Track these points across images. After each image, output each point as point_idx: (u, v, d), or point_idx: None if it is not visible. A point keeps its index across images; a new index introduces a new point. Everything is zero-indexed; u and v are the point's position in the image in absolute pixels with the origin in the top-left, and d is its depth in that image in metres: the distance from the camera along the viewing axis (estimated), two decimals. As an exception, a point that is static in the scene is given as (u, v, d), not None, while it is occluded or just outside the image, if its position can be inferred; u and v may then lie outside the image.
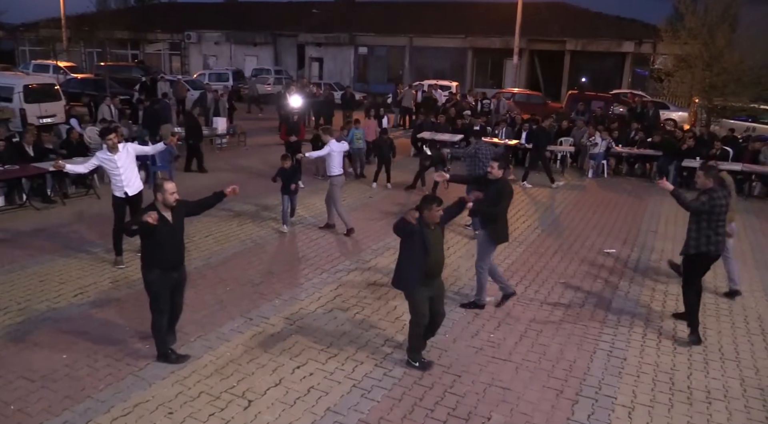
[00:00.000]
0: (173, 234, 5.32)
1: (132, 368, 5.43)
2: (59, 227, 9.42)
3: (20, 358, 5.55)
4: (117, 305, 6.73)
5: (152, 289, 5.36)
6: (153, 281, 5.33)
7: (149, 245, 5.27)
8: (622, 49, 31.25)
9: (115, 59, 38.35)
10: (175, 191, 5.26)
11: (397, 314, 6.74)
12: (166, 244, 5.26)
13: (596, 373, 5.71)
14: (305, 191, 12.18)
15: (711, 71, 17.72)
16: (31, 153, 11.43)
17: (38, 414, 4.73)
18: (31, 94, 17.09)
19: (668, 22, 20.29)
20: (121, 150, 7.52)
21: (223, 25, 39.85)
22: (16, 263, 7.83)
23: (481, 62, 35.35)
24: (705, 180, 6.34)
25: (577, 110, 19.98)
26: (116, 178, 7.58)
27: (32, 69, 30.49)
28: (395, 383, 5.39)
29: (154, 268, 5.29)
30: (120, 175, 7.54)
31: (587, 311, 7.11)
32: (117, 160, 7.48)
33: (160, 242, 5.22)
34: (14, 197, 10.59)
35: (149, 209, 5.16)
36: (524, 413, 5.04)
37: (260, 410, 4.89)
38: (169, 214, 5.28)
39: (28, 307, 6.59)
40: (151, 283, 5.35)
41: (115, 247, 7.86)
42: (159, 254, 5.25)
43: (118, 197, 7.67)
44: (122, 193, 7.62)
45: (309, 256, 8.57)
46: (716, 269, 7.35)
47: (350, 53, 37.05)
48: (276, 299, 7.05)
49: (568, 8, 35.15)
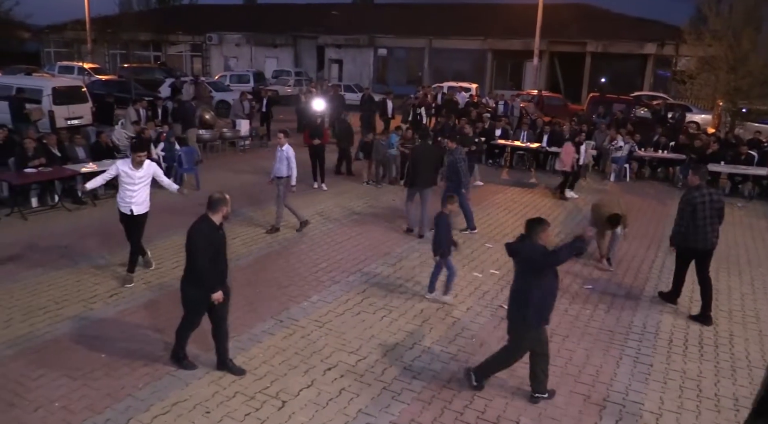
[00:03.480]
0: (225, 247, 5.29)
1: (168, 367, 5.58)
2: (90, 228, 9.65)
3: (61, 357, 5.74)
4: (151, 306, 6.91)
5: (193, 307, 5.23)
6: (196, 299, 5.21)
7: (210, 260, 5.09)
8: (644, 50, 31.06)
9: (138, 61, 38.89)
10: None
11: (424, 317, 6.85)
12: (222, 258, 5.20)
13: (623, 379, 5.76)
14: (329, 194, 12.33)
15: (736, 74, 17.57)
16: (58, 154, 11.70)
17: (81, 412, 4.91)
18: (60, 96, 17.46)
19: (691, 24, 20.16)
20: (145, 167, 7.23)
21: (244, 27, 40.30)
22: (52, 264, 8.05)
23: (501, 64, 35.35)
24: (693, 178, 7.09)
25: (599, 113, 19.90)
26: (127, 193, 7.21)
27: (57, 70, 31.11)
28: (424, 386, 5.49)
29: (201, 285, 5.12)
30: (134, 191, 7.20)
31: (612, 316, 7.14)
32: (136, 176, 7.16)
33: (218, 255, 5.14)
34: (47, 199, 10.88)
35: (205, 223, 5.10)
36: (552, 417, 5.11)
37: (294, 411, 5.02)
38: (221, 228, 5.25)
39: (66, 307, 6.79)
40: (193, 301, 5.23)
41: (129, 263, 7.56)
42: (217, 269, 5.13)
43: (123, 214, 7.34)
44: (128, 209, 7.26)
45: (335, 258, 8.70)
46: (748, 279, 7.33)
47: (370, 55, 37.25)
48: (304, 301, 7.19)
49: (589, 9, 34.99)
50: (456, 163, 9.60)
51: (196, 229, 5.10)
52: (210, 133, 16.55)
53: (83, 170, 11.00)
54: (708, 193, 6.92)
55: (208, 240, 5.08)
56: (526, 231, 5.12)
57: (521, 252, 5.10)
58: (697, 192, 6.92)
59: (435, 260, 7.33)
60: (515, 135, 16.70)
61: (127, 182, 7.17)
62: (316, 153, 12.82)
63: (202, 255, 5.04)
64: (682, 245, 7.15)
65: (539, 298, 4.96)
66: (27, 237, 9.10)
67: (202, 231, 5.09)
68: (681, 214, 7.03)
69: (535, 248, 5.00)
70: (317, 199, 11.92)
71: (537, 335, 5.11)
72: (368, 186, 13.20)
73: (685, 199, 6.95)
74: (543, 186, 13.89)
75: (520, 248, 5.13)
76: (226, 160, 15.53)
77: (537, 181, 14.39)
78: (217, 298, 5.15)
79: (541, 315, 5.03)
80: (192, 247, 5.08)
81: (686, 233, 6.99)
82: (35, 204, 10.67)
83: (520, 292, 5.05)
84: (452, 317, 6.94)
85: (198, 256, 5.05)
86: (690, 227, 6.94)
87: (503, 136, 16.46)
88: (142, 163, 7.19)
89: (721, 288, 8.10)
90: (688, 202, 6.91)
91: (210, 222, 5.15)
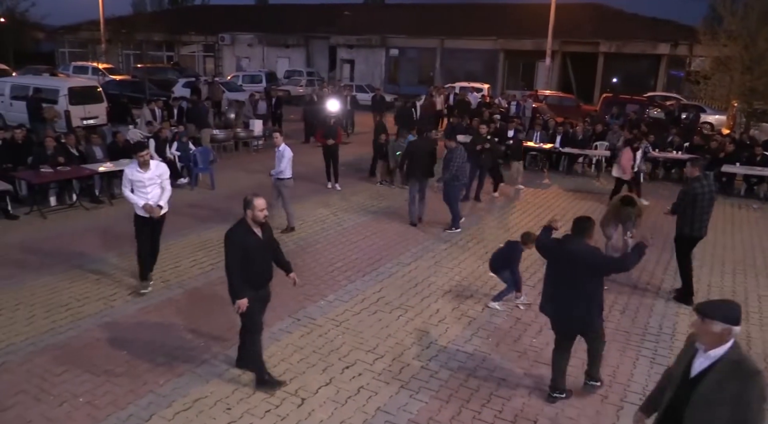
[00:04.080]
0: (264, 251, 5.14)
1: (189, 364, 5.67)
2: (108, 227, 9.76)
3: (83, 353, 5.84)
4: (170, 304, 7.00)
5: (247, 310, 5.09)
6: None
7: (241, 264, 4.99)
8: (657, 51, 30.86)
9: (151, 61, 39.22)
10: (264, 208, 5.02)
11: (440, 317, 6.89)
12: (258, 261, 5.08)
13: (640, 380, 5.77)
14: (342, 194, 12.40)
15: (752, 74, 17.44)
16: (76, 153, 11.84)
17: (105, 407, 5.00)
18: (76, 96, 17.72)
19: (705, 23, 20.02)
20: (152, 168, 7.08)
21: (256, 28, 40.51)
22: (72, 262, 8.18)
23: (513, 64, 35.26)
24: (692, 169, 7.52)
25: (612, 114, 19.83)
26: (142, 196, 7.03)
27: (72, 70, 31.44)
28: (441, 384, 5.53)
29: (246, 287, 5.05)
30: (147, 193, 7.04)
31: (627, 317, 7.15)
32: (145, 177, 7.00)
33: (253, 259, 5.03)
34: (65, 197, 11.03)
35: (239, 227, 5.01)
36: (570, 417, 5.13)
37: (314, 408, 5.08)
38: (259, 230, 5.09)
39: (87, 304, 6.90)
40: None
41: (141, 271, 7.38)
42: (250, 271, 5.03)
43: (141, 217, 7.15)
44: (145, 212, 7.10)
45: (350, 258, 8.75)
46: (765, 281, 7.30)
47: (381, 55, 37.31)
48: (321, 300, 7.25)
49: (602, 9, 34.83)
50: (451, 162, 9.82)
51: (228, 231, 5.03)
52: (224, 133, 16.69)
53: (101, 169, 11.15)
54: (708, 184, 7.37)
55: (238, 243, 4.96)
56: (577, 231, 5.05)
57: (576, 256, 4.92)
58: (697, 183, 7.31)
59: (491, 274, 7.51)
60: (528, 136, 16.67)
61: (139, 185, 7.03)
62: (329, 153, 12.88)
63: (229, 258, 4.95)
64: (681, 235, 7.54)
65: (601, 294, 5.12)
66: (46, 235, 9.24)
67: (231, 233, 5.00)
68: (680, 202, 7.42)
69: (595, 253, 5.04)
70: (331, 199, 11.99)
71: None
72: (381, 186, 13.25)
73: (686, 190, 7.35)
74: (556, 187, 13.88)
75: (574, 251, 4.96)
76: (239, 160, 15.65)
77: (550, 182, 14.38)
78: (240, 305, 5.01)
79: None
80: (225, 249, 5.00)
81: (685, 221, 7.41)
82: (54, 203, 10.82)
83: (585, 297, 4.96)
84: (468, 316, 6.98)
85: (226, 258, 4.98)
86: (688, 216, 7.36)
87: (516, 136, 16.40)
88: (147, 164, 7.00)
89: (738, 290, 8.09)
90: (688, 193, 7.30)
91: (243, 225, 5.03)
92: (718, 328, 3.03)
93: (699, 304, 3.18)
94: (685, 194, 7.34)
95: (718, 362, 3.07)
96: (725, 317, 3.03)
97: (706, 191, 7.29)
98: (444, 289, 7.73)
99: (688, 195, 7.29)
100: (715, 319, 3.04)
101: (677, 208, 7.49)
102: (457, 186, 10.10)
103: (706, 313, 3.08)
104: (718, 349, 3.08)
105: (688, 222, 7.39)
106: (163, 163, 7.40)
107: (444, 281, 8.01)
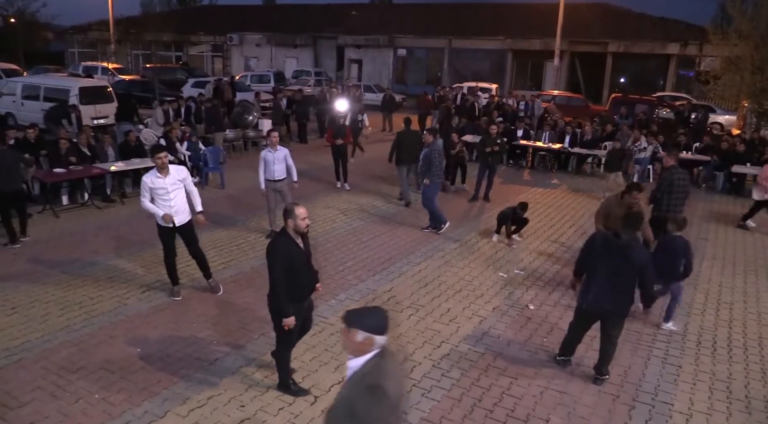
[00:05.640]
0: (307, 262, 4.93)
1: (202, 362, 5.71)
2: (120, 226, 9.84)
3: (98, 350, 5.89)
4: (182, 303, 7.05)
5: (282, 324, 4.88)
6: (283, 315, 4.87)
7: (285, 277, 4.76)
8: (667, 50, 30.69)
9: (160, 61, 39.41)
10: (306, 216, 4.78)
11: (450, 317, 6.91)
12: (302, 273, 4.85)
13: (651, 379, 5.77)
14: (352, 193, 12.43)
15: (762, 74, 17.36)
16: (88, 153, 11.93)
17: (120, 403, 5.05)
18: (86, 95, 17.83)
19: (714, 23, 19.95)
20: (173, 172, 6.75)
21: (264, 28, 40.61)
22: (85, 260, 8.25)
23: (521, 64, 35.16)
24: (668, 159, 8.28)
25: (621, 114, 19.76)
26: (164, 203, 6.69)
27: (82, 70, 31.64)
28: (453, 383, 5.55)
29: (288, 302, 4.84)
30: (170, 200, 6.70)
31: (639, 317, 7.13)
32: (167, 183, 6.67)
33: (297, 271, 4.78)
34: (77, 196, 11.12)
35: (281, 238, 4.77)
36: (582, 417, 5.14)
37: (326, 406, 5.10)
38: (300, 241, 4.86)
39: (100, 302, 6.96)
40: (281, 317, 4.88)
41: (170, 277, 7.19)
42: (294, 285, 4.80)
43: (162, 227, 6.83)
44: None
45: (360, 257, 8.79)
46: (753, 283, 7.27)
47: (389, 55, 37.31)
48: (332, 299, 7.28)
49: (611, 9, 34.68)
50: (429, 156, 9.90)
51: (270, 244, 4.80)
52: (234, 133, 16.76)
53: (112, 169, 11.24)
54: (681, 172, 8.06)
55: (283, 255, 4.73)
56: (630, 227, 5.34)
57: (633, 256, 5.20)
58: (674, 170, 8.01)
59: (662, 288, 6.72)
60: (537, 136, 16.66)
61: (161, 193, 6.68)
62: (338, 153, 12.91)
63: (276, 273, 4.73)
64: (657, 217, 7.91)
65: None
66: (59, 234, 9.32)
67: (276, 246, 4.75)
68: (658, 189, 8.06)
69: (648, 256, 5.40)
70: (341, 198, 12.03)
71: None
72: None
73: (664, 176, 8.06)
74: (565, 187, 13.86)
75: (633, 252, 5.23)
76: (249, 160, 15.69)
77: (558, 182, 14.36)
78: (288, 324, 4.83)
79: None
80: (268, 262, 4.77)
81: (660, 207, 7.97)
82: (66, 202, 10.91)
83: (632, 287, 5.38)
84: (478, 316, 6.99)
85: (272, 273, 4.77)
86: (664, 203, 7.94)
87: (525, 137, 16.44)
88: (166, 167, 6.66)
89: (749, 291, 8.06)
90: (665, 179, 7.99)
91: (285, 236, 4.78)
92: (360, 337, 2.84)
93: (346, 312, 2.94)
94: (663, 180, 8.02)
95: (353, 374, 2.88)
96: (368, 326, 2.84)
97: (681, 179, 7.97)
98: (454, 288, 7.75)
99: (665, 181, 7.96)
100: (359, 328, 2.84)
101: (655, 195, 8.10)
102: (431, 187, 9.94)
103: (350, 321, 2.87)
104: (359, 359, 2.88)
105: (663, 208, 7.94)
106: (184, 168, 7.15)
107: (454, 280, 8.02)
